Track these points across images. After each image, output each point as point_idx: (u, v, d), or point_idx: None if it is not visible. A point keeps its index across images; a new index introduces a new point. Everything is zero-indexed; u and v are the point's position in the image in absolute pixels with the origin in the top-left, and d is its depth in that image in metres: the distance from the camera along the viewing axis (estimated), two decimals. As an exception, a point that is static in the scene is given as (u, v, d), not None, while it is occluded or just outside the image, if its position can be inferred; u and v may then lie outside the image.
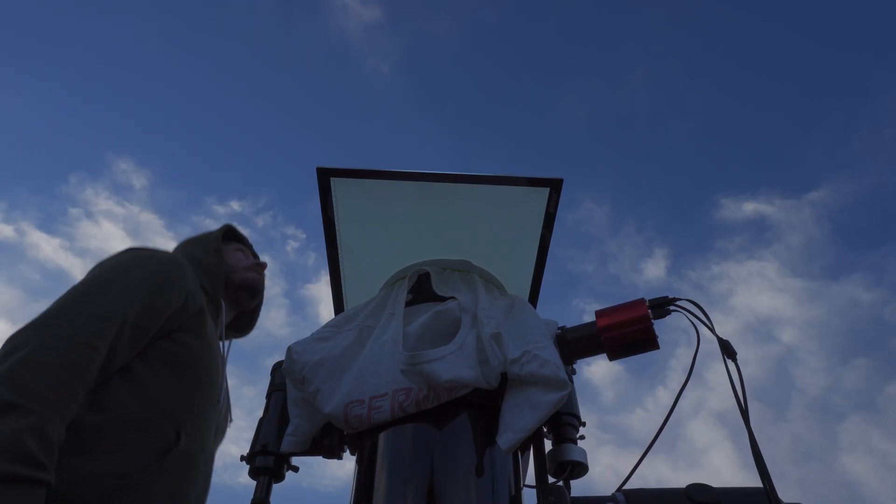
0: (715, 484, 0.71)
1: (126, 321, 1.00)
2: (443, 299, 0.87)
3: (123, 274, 1.07)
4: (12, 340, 0.93)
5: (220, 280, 1.29)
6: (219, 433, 1.20)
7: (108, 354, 0.97)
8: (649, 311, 0.81)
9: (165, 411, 1.01)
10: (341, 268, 0.99)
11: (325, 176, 0.90)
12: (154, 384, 1.03)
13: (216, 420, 1.15)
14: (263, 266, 1.40)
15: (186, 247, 1.38)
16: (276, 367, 0.97)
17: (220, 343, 1.25)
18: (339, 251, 0.97)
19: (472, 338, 0.78)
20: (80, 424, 0.92)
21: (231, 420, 1.30)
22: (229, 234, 1.45)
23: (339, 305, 1.03)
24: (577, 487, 0.74)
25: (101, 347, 0.95)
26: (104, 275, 1.07)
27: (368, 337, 0.85)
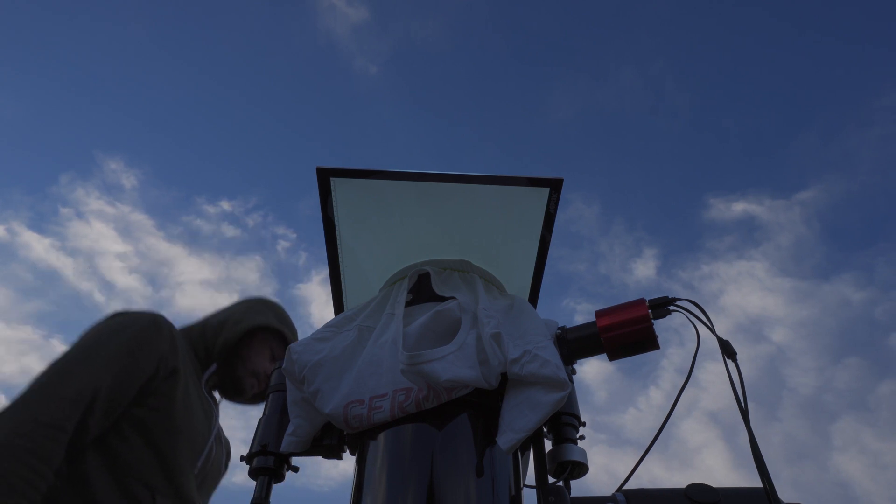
0: (709, 484, 0.72)
1: (97, 396, 1.09)
2: (443, 299, 0.87)
3: (99, 347, 1.15)
4: None
5: (213, 349, 1.40)
6: (209, 480, 1.26)
7: (79, 430, 1.07)
8: (650, 311, 0.81)
9: (140, 478, 1.10)
10: (341, 268, 0.99)
11: (325, 176, 0.89)
12: (128, 455, 1.12)
13: (205, 471, 1.25)
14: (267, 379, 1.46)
15: (243, 303, 1.52)
16: (276, 368, 0.97)
17: (207, 395, 1.34)
18: (339, 251, 0.97)
19: (472, 338, 0.78)
20: (57, 501, 1.03)
21: (227, 464, 1.36)
22: (284, 323, 1.52)
23: (338, 305, 1.02)
24: (576, 487, 0.74)
25: (67, 427, 1.04)
26: (81, 348, 1.16)
27: (368, 337, 0.85)
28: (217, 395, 1.46)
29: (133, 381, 1.15)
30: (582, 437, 0.78)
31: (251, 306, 1.50)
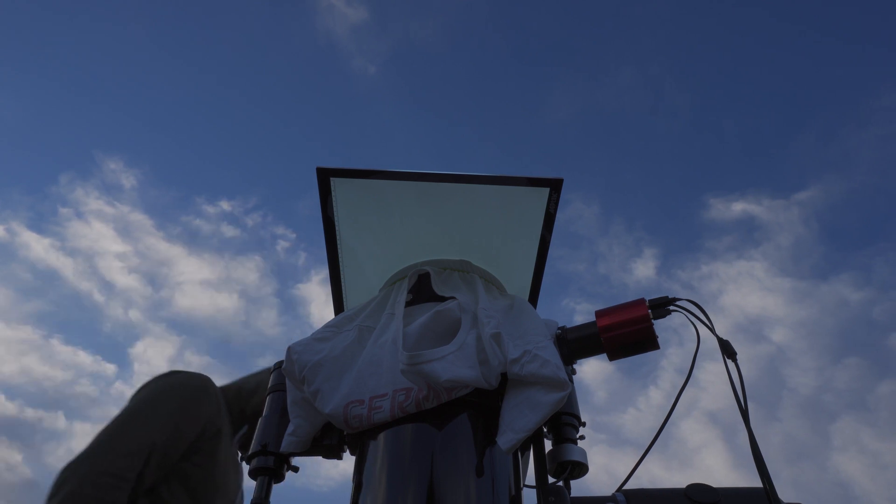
0: (709, 484, 0.72)
1: (154, 451, 1.22)
2: (443, 299, 0.87)
3: (156, 405, 1.29)
4: (64, 472, 1.16)
5: (246, 411, 1.49)
6: None
7: (137, 480, 1.19)
8: (650, 311, 0.81)
9: None
10: (341, 268, 0.99)
11: (325, 176, 0.89)
12: None
13: None
14: None
15: (265, 373, 1.58)
16: (276, 367, 0.97)
17: (237, 455, 1.46)
18: (339, 251, 0.97)
19: (472, 338, 0.78)
20: None
21: None
22: None
23: (338, 306, 1.02)
24: (576, 487, 0.74)
25: (130, 478, 1.17)
26: (140, 405, 1.30)
27: (368, 337, 0.85)
28: (240, 453, 1.56)
29: (183, 439, 1.27)
30: (582, 437, 0.78)
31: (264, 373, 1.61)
